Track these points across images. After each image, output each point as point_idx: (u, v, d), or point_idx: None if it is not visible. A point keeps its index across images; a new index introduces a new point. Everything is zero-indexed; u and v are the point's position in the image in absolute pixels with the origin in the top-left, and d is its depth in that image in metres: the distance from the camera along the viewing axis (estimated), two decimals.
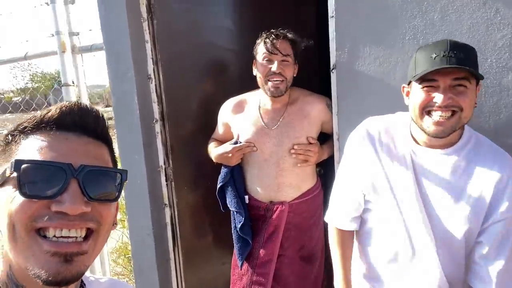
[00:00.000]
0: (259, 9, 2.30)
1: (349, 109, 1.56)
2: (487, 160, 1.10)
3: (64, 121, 0.61)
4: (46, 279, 0.55)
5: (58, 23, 2.04)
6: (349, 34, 1.50)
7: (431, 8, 1.36)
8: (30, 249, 0.55)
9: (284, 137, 1.78)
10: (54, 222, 0.55)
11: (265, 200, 1.86)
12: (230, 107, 1.91)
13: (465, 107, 1.05)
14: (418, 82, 1.09)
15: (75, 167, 0.57)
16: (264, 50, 1.72)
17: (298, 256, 1.88)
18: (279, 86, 1.72)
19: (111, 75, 1.90)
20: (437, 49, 1.04)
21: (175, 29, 2.02)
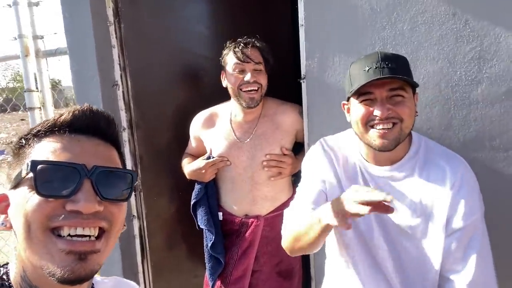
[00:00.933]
0: (233, 14, 2.25)
1: (319, 119, 1.52)
2: (439, 168, 1.07)
3: (76, 124, 0.63)
4: (61, 277, 0.56)
5: (21, 26, 1.95)
6: (319, 43, 1.46)
7: (400, 19, 1.33)
8: (45, 248, 0.57)
9: (257, 150, 1.72)
10: (69, 221, 0.57)
11: (240, 214, 1.80)
12: (201, 121, 1.85)
13: (404, 117, 1.03)
14: (356, 97, 1.07)
15: (88, 167, 0.60)
16: (234, 60, 1.65)
17: (275, 272, 1.82)
18: (254, 96, 1.66)
19: (75, 81, 1.82)
20: (369, 62, 1.03)
21: (144, 34, 1.95)
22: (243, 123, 1.76)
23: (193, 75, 2.20)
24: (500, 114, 1.29)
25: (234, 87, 1.67)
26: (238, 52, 1.64)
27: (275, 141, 1.72)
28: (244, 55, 1.64)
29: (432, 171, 1.08)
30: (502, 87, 1.27)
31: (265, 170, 1.72)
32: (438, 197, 1.05)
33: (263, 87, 1.69)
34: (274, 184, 1.76)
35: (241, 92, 1.66)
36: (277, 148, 1.72)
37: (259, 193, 1.76)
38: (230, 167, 1.76)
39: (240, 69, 1.65)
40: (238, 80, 1.65)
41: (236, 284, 1.76)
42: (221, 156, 1.75)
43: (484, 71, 1.28)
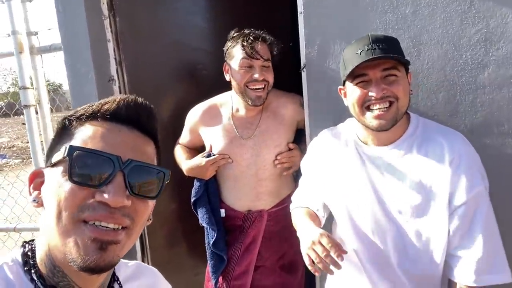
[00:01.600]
0: (232, 6, 2.21)
1: (320, 108, 1.47)
2: (437, 144, 1.07)
3: (120, 114, 0.63)
4: (81, 265, 0.57)
5: (15, 22, 1.91)
6: (318, 30, 1.41)
7: (403, 2, 1.29)
8: (71, 236, 0.57)
9: (262, 148, 1.66)
10: (98, 214, 0.57)
11: (243, 209, 1.75)
12: (199, 114, 1.76)
13: (400, 95, 1.04)
14: (350, 80, 1.08)
15: (123, 160, 0.59)
16: (242, 54, 1.56)
17: (279, 266, 1.78)
18: (261, 95, 1.58)
19: (70, 76, 1.78)
20: (361, 45, 1.05)
21: (141, 27, 1.91)
22: (245, 118, 1.69)
23: (190, 68, 2.16)
24: (508, 98, 1.24)
25: (240, 84, 1.59)
26: (247, 47, 1.54)
27: (279, 137, 1.66)
28: (253, 51, 1.54)
29: (430, 148, 1.07)
30: (510, 70, 1.22)
31: (272, 167, 1.67)
32: (438, 174, 1.04)
33: (270, 85, 1.61)
34: (278, 180, 1.71)
35: (248, 90, 1.58)
36: (282, 143, 1.66)
37: (263, 189, 1.71)
38: (232, 165, 1.70)
39: (248, 65, 1.56)
40: (246, 77, 1.56)
41: (238, 280, 1.72)
42: (222, 154, 1.69)
43: (491, 54, 1.23)
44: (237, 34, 1.63)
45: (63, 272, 0.61)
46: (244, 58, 1.55)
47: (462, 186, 1.02)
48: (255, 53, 1.54)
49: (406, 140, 1.10)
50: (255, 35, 1.57)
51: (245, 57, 1.55)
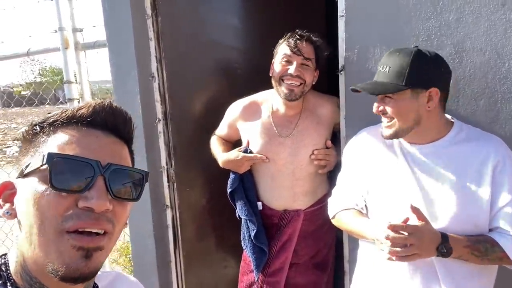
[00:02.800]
0: (266, 7, 2.25)
1: (357, 112, 1.50)
2: (481, 147, 1.13)
3: (96, 119, 0.62)
4: (64, 275, 0.56)
5: (62, 19, 2.01)
6: (359, 34, 1.44)
7: (447, 9, 1.30)
8: (54, 246, 0.56)
9: (300, 146, 1.69)
10: (81, 222, 0.56)
11: (279, 208, 1.79)
12: (240, 109, 1.81)
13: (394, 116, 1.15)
14: None
15: (103, 164, 0.59)
16: (285, 49, 1.61)
17: (312, 264, 1.83)
18: (294, 89, 1.60)
19: (114, 73, 1.86)
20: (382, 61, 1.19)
21: (180, 27, 1.97)
22: (284, 117, 1.72)
23: (226, 67, 2.21)
24: None
25: (276, 76, 1.63)
26: (290, 43, 1.59)
27: (318, 136, 1.70)
28: (295, 47, 1.58)
29: (473, 151, 1.13)
30: None
31: (309, 166, 1.70)
32: (481, 177, 1.10)
33: (307, 84, 1.63)
34: (314, 179, 1.74)
35: (282, 82, 1.62)
36: (320, 143, 1.70)
37: (299, 189, 1.74)
38: (269, 163, 1.73)
39: (288, 59, 1.60)
40: (282, 70, 1.61)
41: (273, 276, 1.77)
42: (260, 152, 1.72)
43: None
44: (288, 33, 1.67)
45: (40, 283, 0.59)
46: (285, 53, 1.61)
47: (507, 187, 1.08)
48: (297, 50, 1.58)
49: (448, 142, 1.16)
50: (301, 34, 1.61)
51: (286, 52, 1.60)
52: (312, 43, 1.61)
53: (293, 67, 1.58)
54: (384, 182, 1.23)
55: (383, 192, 1.23)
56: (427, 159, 1.17)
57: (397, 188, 1.19)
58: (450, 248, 1.05)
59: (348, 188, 1.34)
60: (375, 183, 1.25)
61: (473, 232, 1.12)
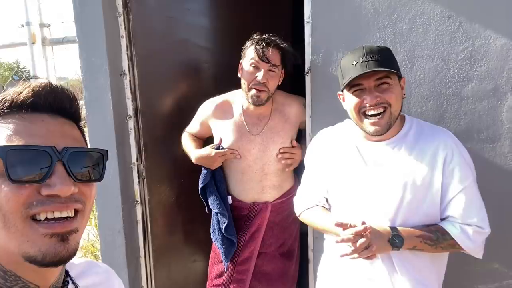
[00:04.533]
0: (236, 8, 2.33)
1: (323, 112, 1.62)
2: (430, 141, 1.20)
3: (38, 103, 0.59)
4: (43, 261, 0.55)
5: (29, 14, 1.98)
6: (324, 39, 1.56)
7: (400, 19, 1.45)
8: (24, 236, 0.55)
9: (269, 144, 1.79)
10: (48, 206, 0.55)
11: (248, 201, 1.89)
12: (212, 108, 1.87)
13: (392, 102, 1.16)
14: (348, 88, 1.20)
15: (59, 149, 0.57)
16: (252, 55, 1.68)
17: (279, 253, 1.93)
18: (260, 96, 1.69)
19: (84, 69, 1.87)
20: (356, 56, 1.16)
21: (151, 25, 2.01)
22: (255, 115, 1.81)
23: (196, 66, 2.27)
24: (487, 109, 1.42)
25: (246, 83, 1.72)
26: (258, 50, 1.66)
27: (285, 134, 1.80)
28: (262, 54, 1.65)
29: (424, 144, 1.20)
30: (490, 84, 1.40)
31: (277, 162, 1.80)
32: (432, 169, 1.17)
33: (270, 90, 1.71)
34: (282, 174, 1.85)
35: (250, 89, 1.70)
36: (287, 141, 1.80)
37: (268, 183, 1.85)
38: (240, 159, 1.83)
39: (255, 65, 1.68)
40: (251, 78, 1.68)
41: (243, 265, 1.86)
42: (231, 148, 1.81)
43: (475, 70, 1.41)
44: (256, 36, 1.74)
45: (15, 275, 0.59)
46: (253, 59, 1.68)
47: (456, 178, 1.16)
48: (264, 57, 1.66)
49: (401, 138, 1.23)
50: (269, 41, 1.68)
51: (254, 59, 1.67)
52: (279, 48, 1.69)
53: (261, 74, 1.66)
54: (342, 179, 1.29)
55: (341, 189, 1.30)
56: (382, 155, 1.23)
57: (353, 184, 1.26)
58: (401, 238, 1.13)
59: (311, 187, 1.41)
60: (334, 180, 1.32)
61: (425, 223, 1.20)
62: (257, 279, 1.88)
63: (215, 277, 1.92)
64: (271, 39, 1.69)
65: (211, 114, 1.88)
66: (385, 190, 1.21)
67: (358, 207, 1.26)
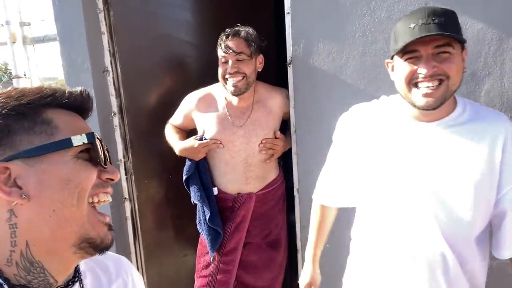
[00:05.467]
0: (218, 2, 2.32)
1: (305, 102, 1.63)
2: (489, 125, 1.05)
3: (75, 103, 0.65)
4: (100, 245, 0.62)
5: (8, 13, 1.96)
6: (304, 30, 1.56)
7: (379, 7, 1.46)
8: (86, 218, 0.60)
9: (252, 135, 1.82)
10: (106, 188, 0.63)
11: (233, 192, 1.90)
12: (195, 100, 1.88)
13: (451, 74, 1.00)
14: (400, 55, 1.04)
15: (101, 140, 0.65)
16: (220, 52, 1.74)
17: (265, 243, 1.95)
18: (238, 85, 1.72)
19: (66, 67, 1.85)
20: (415, 18, 1.00)
21: (133, 21, 2.00)
22: (238, 108, 1.83)
23: (180, 61, 2.26)
24: (465, 94, 1.42)
25: (220, 78, 1.76)
26: (221, 44, 1.72)
27: (268, 126, 1.82)
28: (226, 47, 1.70)
29: (481, 126, 1.05)
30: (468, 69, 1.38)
31: (260, 154, 1.83)
32: (489, 150, 1.03)
33: (248, 75, 1.73)
34: (265, 165, 1.87)
35: (227, 80, 1.74)
36: (270, 133, 1.83)
37: (251, 174, 1.86)
38: (223, 150, 1.84)
39: (225, 60, 1.73)
40: (222, 71, 1.74)
41: (229, 255, 1.88)
42: (214, 139, 1.82)
43: None
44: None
45: (42, 267, 0.60)
46: (221, 55, 1.73)
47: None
48: (227, 48, 1.70)
49: (456, 119, 1.07)
50: (228, 33, 1.72)
51: (221, 54, 1.73)
52: (240, 37, 1.71)
53: (230, 66, 1.71)
54: (384, 165, 1.11)
55: (384, 177, 1.11)
56: (434, 139, 1.06)
57: (400, 172, 1.08)
58: None
59: (334, 178, 1.27)
60: (372, 173, 1.14)
61: (485, 214, 1.07)
62: (243, 268, 1.90)
63: (203, 268, 1.94)
64: (232, 29, 1.73)
65: (194, 106, 1.89)
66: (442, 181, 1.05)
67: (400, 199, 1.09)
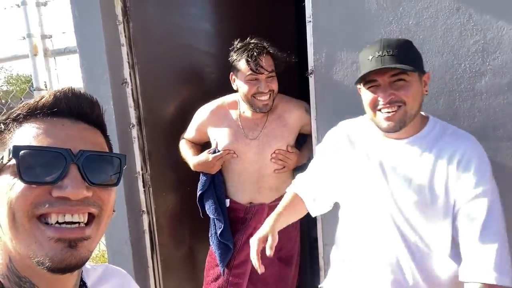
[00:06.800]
0: (238, 12, 2.29)
1: (327, 113, 1.56)
2: (450, 143, 1.13)
3: (59, 107, 0.60)
4: (50, 266, 0.54)
5: (30, 26, 1.98)
6: (326, 38, 1.50)
7: (406, 14, 1.38)
8: (32, 237, 0.55)
9: (265, 147, 1.77)
10: (57, 208, 0.55)
11: (245, 202, 1.85)
12: (207, 113, 1.86)
13: (407, 100, 1.09)
14: (363, 83, 1.14)
15: (74, 152, 0.57)
16: (247, 69, 1.65)
17: (277, 258, 1.87)
18: (268, 103, 1.69)
19: (85, 79, 1.85)
20: (372, 50, 1.10)
21: (152, 32, 1.98)
22: (251, 120, 1.79)
23: (199, 72, 2.24)
24: (503, 105, 1.33)
25: (247, 96, 1.69)
26: (251, 63, 1.63)
27: (282, 138, 1.77)
28: (258, 66, 1.63)
29: (443, 145, 1.13)
30: (505, 78, 1.32)
31: (272, 165, 1.77)
32: (447, 174, 1.10)
33: (275, 92, 1.71)
34: (279, 176, 1.81)
35: (255, 100, 1.69)
36: (284, 145, 1.77)
37: (264, 184, 1.82)
38: (237, 161, 1.80)
39: (254, 79, 1.66)
40: (252, 90, 1.67)
41: (239, 268, 1.81)
42: (227, 149, 1.78)
43: (488, 64, 1.33)
44: (241, 46, 1.71)
45: (30, 282, 0.58)
46: (250, 73, 1.66)
47: (471, 186, 1.07)
48: (260, 68, 1.64)
49: (422, 138, 1.16)
50: (259, 50, 1.65)
51: (250, 73, 1.65)
52: (269, 54, 1.68)
53: (263, 85, 1.65)
54: (356, 178, 1.23)
55: (355, 187, 1.24)
56: (400, 155, 1.16)
57: (368, 184, 1.20)
58: None
59: (313, 177, 1.36)
60: (346, 181, 1.26)
61: (445, 230, 1.13)
62: (253, 283, 1.83)
63: (212, 281, 1.89)
64: (260, 46, 1.67)
65: (206, 120, 1.86)
66: (401, 194, 1.15)
67: (368, 212, 1.21)
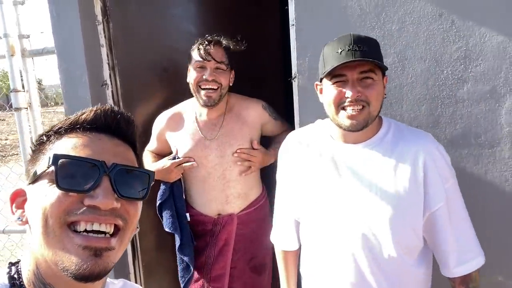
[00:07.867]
0: (222, 14, 2.25)
1: (310, 118, 1.53)
2: (411, 143, 1.10)
3: (98, 123, 0.65)
4: (75, 272, 0.57)
5: (6, 25, 1.91)
6: (309, 43, 1.48)
7: (389, 19, 1.36)
8: (61, 243, 0.57)
9: (226, 147, 1.72)
10: (87, 216, 0.58)
11: (212, 214, 1.80)
12: (164, 121, 1.82)
13: (372, 100, 1.06)
14: (328, 78, 1.09)
15: (108, 165, 0.61)
16: (197, 56, 1.66)
17: (249, 268, 1.84)
18: (212, 95, 1.65)
19: (64, 80, 1.79)
20: (342, 44, 1.05)
21: (133, 33, 1.94)
22: (208, 121, 1.75)
23: (181, 73, 2.18)
24: (485, 112, 1.33)
25: (193, 84, 1.68)
26: (201, 50, 1.64)
27: (243, 136, 1.73)
28: (206, 53, 1.63)
29: (404, 147, 1.10)
30: (487, 85, 1.31)
31: (237, 166, 1.73)
32: (411, 174, 1.07)
33: (223, 87, 1.68)
34: (246, 181, 1.76)
35: (200, 89, 1.67)
36: (246, 143, 1.73)
37: (231, 191, 1.76)
38: (199, 167, 1.74)
39: (201, 66, 1.65)
40: (198, 77, 1.66)
41: (217, 282, 1.77)
42: (188, 156, 1.73)
43: (470, 70, 1.32)
44: (198, 39, 1.71)
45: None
46: (197, 60, 1.65)
47: (438, 184, 1.07)
48: (207, 55, 1.63)
49: (378, 141, 1.12)
50: (210, 39, 1.66)
51: (198, 59, 1.65)
52: (220, 45, 1.66)
53: (208, 72, 1.63)
54: (314, 194, 1.17)
55: (313, 205, 1.18)
56: (359, 161, 1.11)
57: (326, 199, 1.14)
58: None
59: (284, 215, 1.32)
60: (305, 195, 1.20)
61: (411, 237, 1.09)
62: None
63: None
64: (213, 37, 1.67)
65: (164, 126, 1.82)
66: (365, 203, 1.09)
67: (331, 224, 1.14)
